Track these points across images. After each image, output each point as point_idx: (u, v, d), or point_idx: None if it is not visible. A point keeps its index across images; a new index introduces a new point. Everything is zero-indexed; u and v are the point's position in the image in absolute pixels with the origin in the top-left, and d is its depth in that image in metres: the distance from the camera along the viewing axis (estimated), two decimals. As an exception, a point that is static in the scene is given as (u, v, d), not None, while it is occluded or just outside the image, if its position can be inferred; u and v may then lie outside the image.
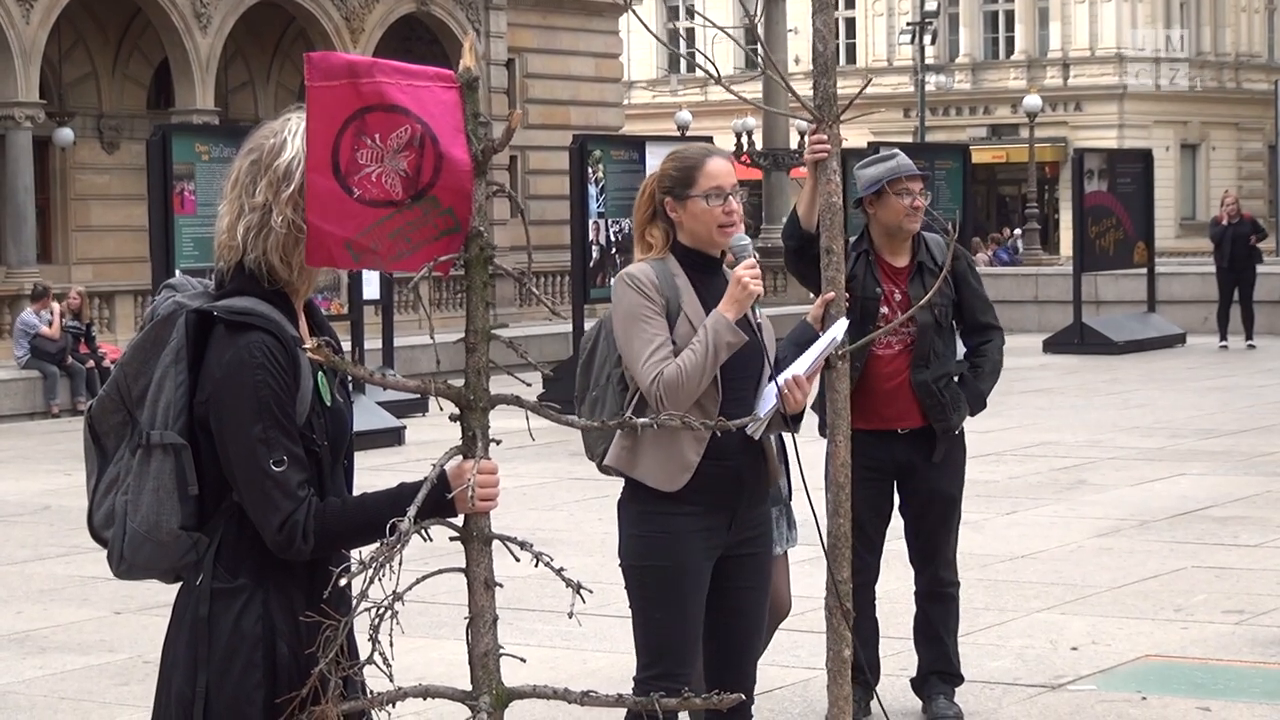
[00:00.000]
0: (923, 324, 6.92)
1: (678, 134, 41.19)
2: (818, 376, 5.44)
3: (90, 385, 21.60)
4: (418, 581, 3.45)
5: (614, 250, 19.36)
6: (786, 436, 6.12)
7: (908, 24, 55.28)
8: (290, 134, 3.56)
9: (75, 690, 8.11)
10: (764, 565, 5.42)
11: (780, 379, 5.22)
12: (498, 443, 3.52)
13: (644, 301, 5.18)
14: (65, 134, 33.02)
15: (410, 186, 3.39)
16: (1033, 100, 49.74)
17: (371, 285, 18.87)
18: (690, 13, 56.34)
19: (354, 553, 3.51)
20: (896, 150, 7.16)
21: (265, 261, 3.56)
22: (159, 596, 3.80)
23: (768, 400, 5.24)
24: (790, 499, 6.42)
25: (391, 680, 3.42)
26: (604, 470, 5.46)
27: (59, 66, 33.27)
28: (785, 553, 6.48)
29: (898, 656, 7.53)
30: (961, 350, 7.21)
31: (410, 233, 3.41)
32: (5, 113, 30.18)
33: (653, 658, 5.26)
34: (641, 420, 3.60)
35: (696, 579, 5.23)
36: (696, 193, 5.24)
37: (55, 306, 22.84)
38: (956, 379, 7.07)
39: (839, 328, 5.39)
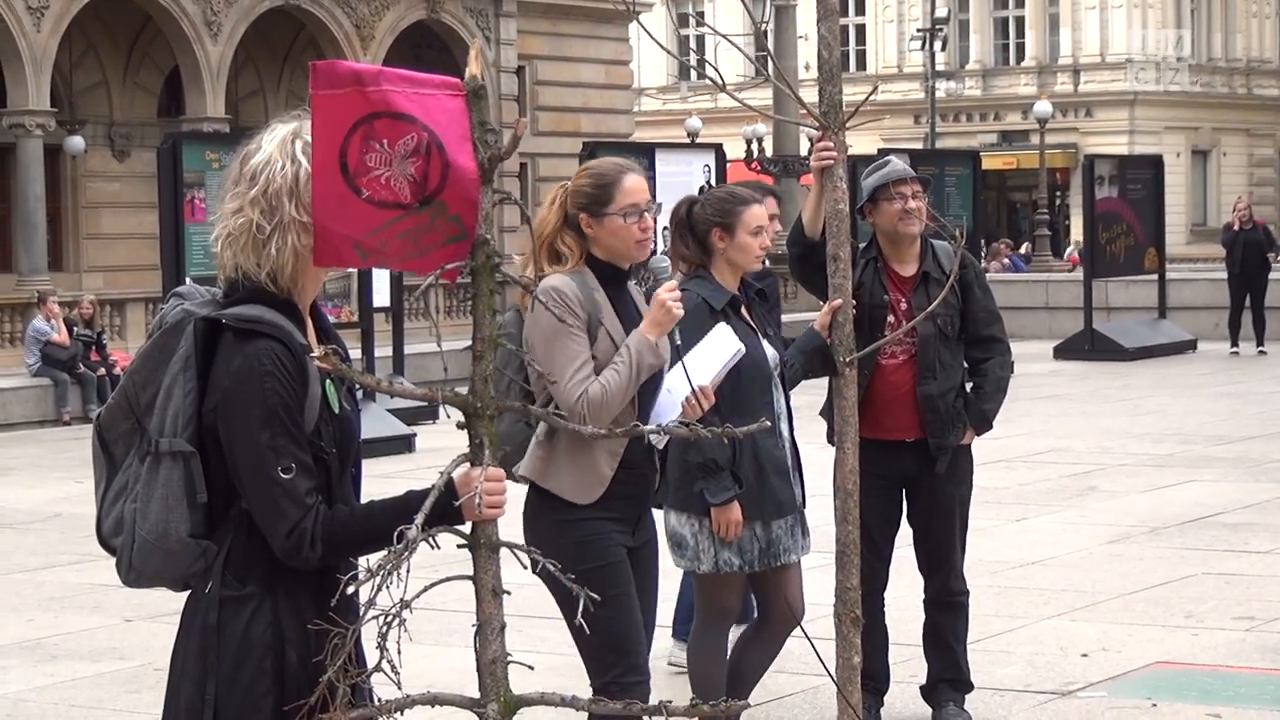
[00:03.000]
0: (924, 335, 6.89)
1: (688, 141, 41.19)
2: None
3: (101, 393, 21.62)
4: (426, 589, 3.45)
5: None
6: (801, 445, 6.18)
7: (918, 30, 55.17)
8: (268, 139, 3.58)
9: (86, 698, 8.12)
10: (656, 563, 5.61)
11: (685, 392, 5.36)
12: (505, 450, 3.52)
13: (567, 316, 5.20)
14: (76, 142, 33.05)
15: (418, 192, 3.39)
16: (1043, 106, 49.66)
17: (382, 292, 18.87)
18: (700, 20, 56.24)
19: (362, 560, 3.51)
20: (892, 157, 7.16)
21: (241, 265, 3.57)
22: (170, 604, 3.80)
23: (671, 409, 5.38)
24: (805, 506, 6.42)
25: (400, 688, 3.42)
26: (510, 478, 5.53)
27: (70, 75, 33.31)
28: (799, 560, 6.47)
29: (907, 664, 7.52)
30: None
31: (419, 236, 3.41)
32: (16, 121, 30.22)
33: (615, 656, 5.32)
34: (649, 428, 3.61)
35: (628, 571, 5.37)
36: (614, 210, 5.29)
37: (56, 309, 22.86)
38: (965, 392, 7.05)
39: (732, 340, 5.57)
